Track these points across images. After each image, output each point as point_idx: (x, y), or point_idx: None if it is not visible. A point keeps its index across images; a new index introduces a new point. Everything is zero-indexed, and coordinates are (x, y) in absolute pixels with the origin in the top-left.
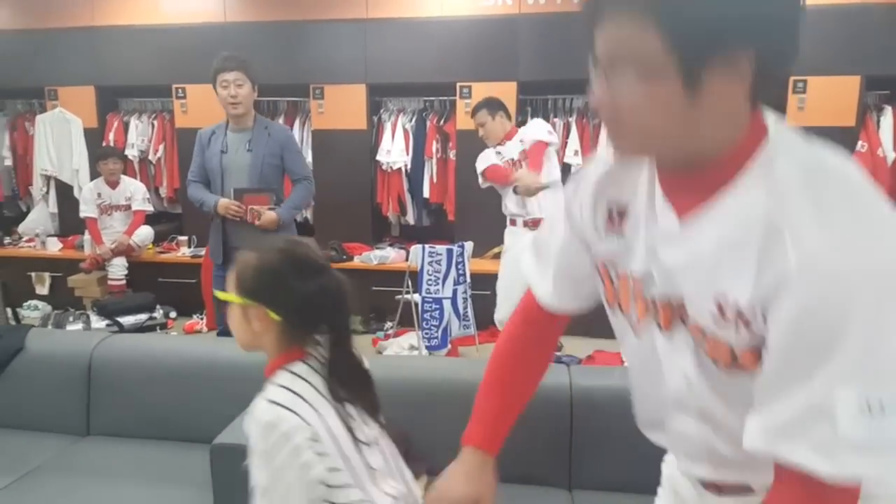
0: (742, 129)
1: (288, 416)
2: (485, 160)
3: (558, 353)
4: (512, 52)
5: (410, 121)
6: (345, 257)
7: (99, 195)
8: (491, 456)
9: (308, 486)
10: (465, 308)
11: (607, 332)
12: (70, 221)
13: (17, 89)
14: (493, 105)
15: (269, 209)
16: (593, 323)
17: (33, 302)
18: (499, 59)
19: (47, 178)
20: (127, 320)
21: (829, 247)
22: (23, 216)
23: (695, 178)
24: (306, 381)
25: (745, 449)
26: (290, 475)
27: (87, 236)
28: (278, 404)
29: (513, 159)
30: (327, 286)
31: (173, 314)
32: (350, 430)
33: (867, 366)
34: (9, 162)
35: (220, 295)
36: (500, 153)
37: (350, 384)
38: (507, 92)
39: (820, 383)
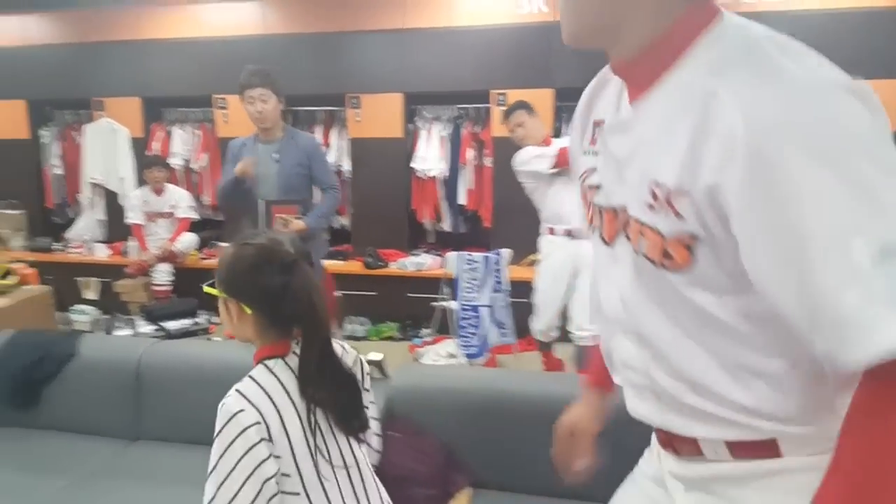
0: (679, 7)
1: (248, 410)
2: (538, 152)
3: None
4: (548, 58)
5: (446, 128)
6: (380, 264)
7: (145, 202)
8: (603, 391)
9: (257, 478)
10: (504, 316)
11: None
12: (117, 228)
13: (67, 100)
14: (529, 106)
15: (297, 218)
16: None
17: (81, 306)
18: (534, 66)
19: (95, 187)
20: (172, 325)
21: (772, 98)
22: (71, 223)
23: (645, 63)
24: (277, 378)
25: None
26: (240, 464)
27: (132, 243)
28: (243, 395)
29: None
30: (292, 284)
31: (216, 319)
32: (313, 439)
33: (859, 210)
34: (58, 170)
35: (206, 289)
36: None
37: (322, 386)
38: (543, 99)
39: (825, 243)
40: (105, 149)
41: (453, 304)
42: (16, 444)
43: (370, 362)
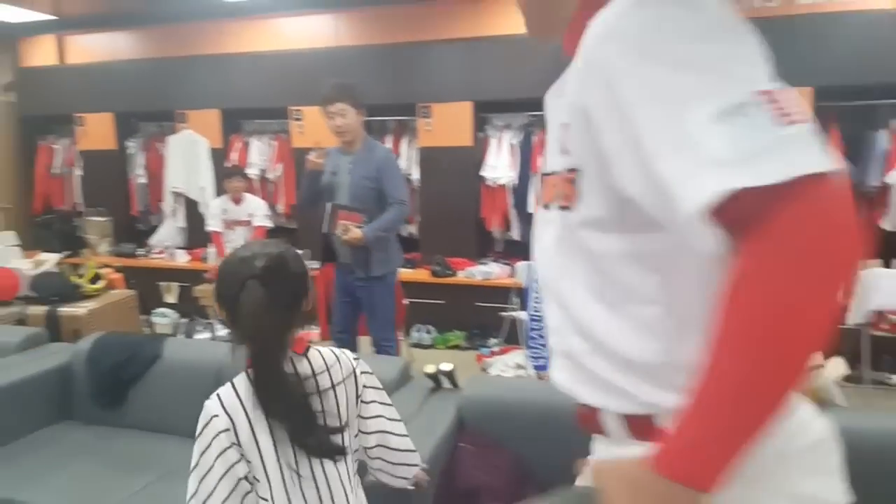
0: None
1: (221, 415)
2: None
3: None
4: None
5: (516, 136)
6: (448, 272)
7: (224, 211)
8: None
9: (231, 476)
10: None
11: None
12: (196, 235)
13: (151, 113)
14: None
15: (358, 227)
16: None
17: (162, 310)
18: None
19: (176, 195)
20: None
21: (609, 14)
22: (154, 230)
23: (574, 31)
24: (252, 389)
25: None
26: (216, 463)
27: (211, 249)
28: (220, 401)
29: None
30: (240, 300)
31: None
32: (274, 451)
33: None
34: (143, 180)
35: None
36: None
37: (277, 404)
38: None
39: (662, 125)
40: (186, 159)
41: (523, 315)
42: (102, 442)
43: (441, 373)
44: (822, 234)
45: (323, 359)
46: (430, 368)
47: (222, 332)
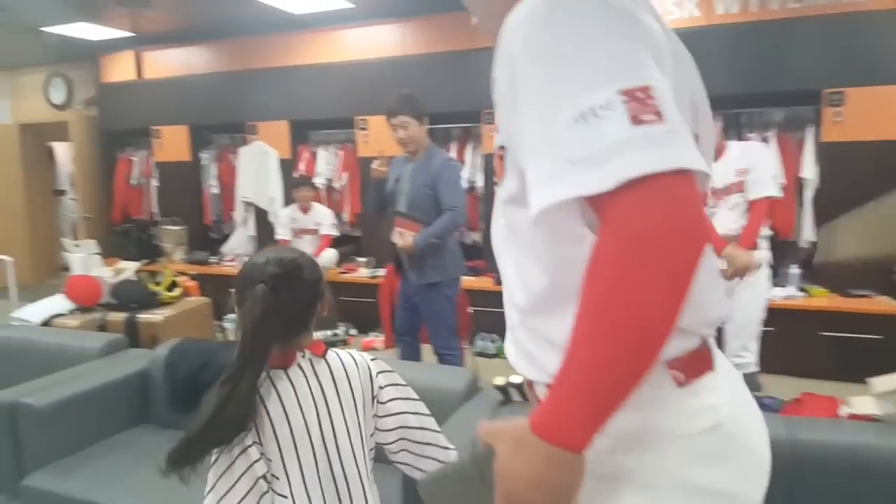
0: None
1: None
2: None
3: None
4: (698, 65)
5: None
6: None
7: (293, 220)
8: None
9: (250, 475)
10: None
11: (817, 371)
12: (265, 243)
13: (223, 125)
14: None
15: (413, 234)
16: (800, 359)
17: (233, 316)
18: None
19: (247, 205)
20: (314, 336)
21: (522, 6)
22: (225, 238)
23: None
24: (275, 387)
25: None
26: (236, 460)
27: None
28: (260, 398)
29: (717, 188)
30: (249, 301)
31: (353, 331)
32: (294, 448)
33: (557, 85)
34: (215, 190)
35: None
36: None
37: (235, 404)
38: None
39: (533, 125)
40: (257, 169)
41: None
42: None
43: (511, 385)
44: (655, 228)
45: (341, 362)
46: (500, 381)
47: None
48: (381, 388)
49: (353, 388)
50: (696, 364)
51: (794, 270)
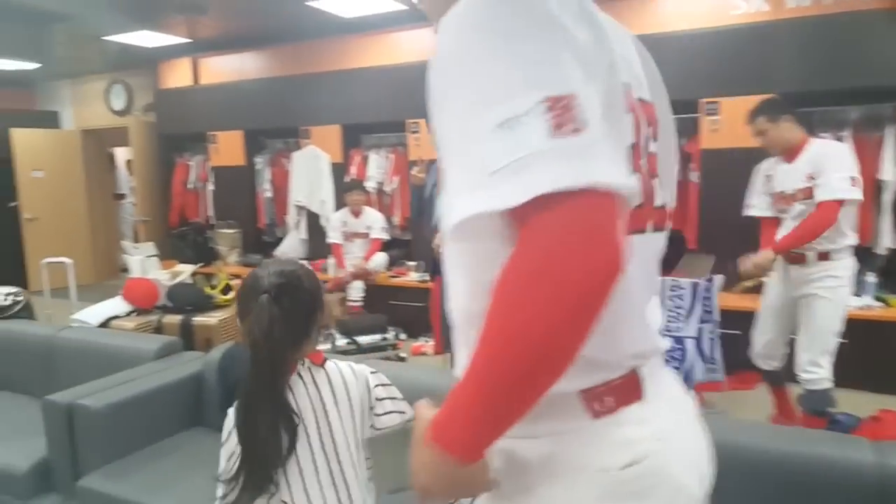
0: None
1: None
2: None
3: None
4: (767, 61)
5: None
6: None
7: (344, 224)
8: None
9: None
10: (712, 349)
11: (895, 386)
12: (318, 247)
13: (277, 129)
14: (774, 107)
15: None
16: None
17: None
18: (750, 71)
19: (299, 209)
20: (364, 339)
21: (457, 6)
22: (278, 241)
23: None
24: (291, 392)
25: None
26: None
27: (331, 260)
28: None
29: (786, 192)
30: (253, 311)
31: (403, 336)
32: (297, 454)
33: (479, 95)
34: (269, 194)
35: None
36: (770, 177)
37: (264, 414)
38: None
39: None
40: (309, 174)
41: None
42: None
43: None
44: (560, 249)
45: (340, 372)
46: None
47: (341, 342)
48: (378, 399)
49: (351, 397)
50: (618, 395)
51: (872, 279)
